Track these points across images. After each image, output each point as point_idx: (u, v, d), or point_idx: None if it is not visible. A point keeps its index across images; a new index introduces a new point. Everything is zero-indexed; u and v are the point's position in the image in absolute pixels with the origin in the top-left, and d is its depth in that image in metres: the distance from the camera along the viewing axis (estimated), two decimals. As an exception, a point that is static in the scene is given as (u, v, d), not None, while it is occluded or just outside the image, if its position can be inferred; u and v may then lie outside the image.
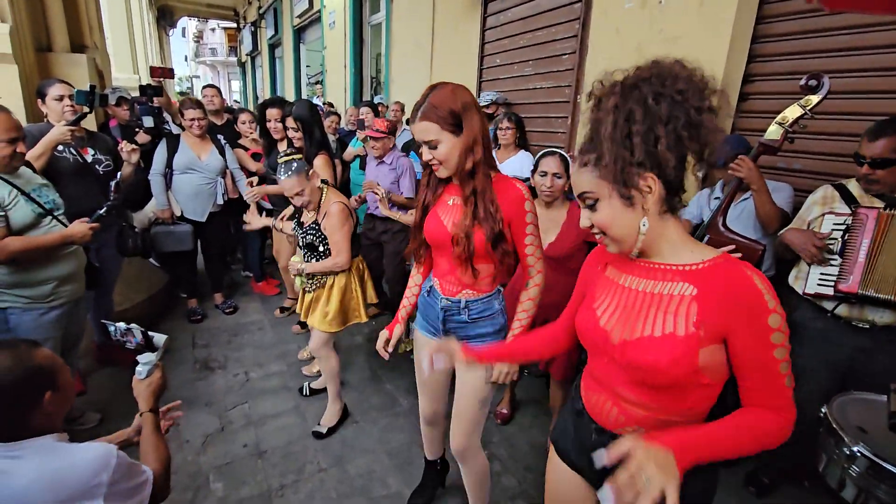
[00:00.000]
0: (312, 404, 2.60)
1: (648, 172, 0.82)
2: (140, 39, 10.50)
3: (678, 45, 2.52)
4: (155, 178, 3.19)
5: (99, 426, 2.30)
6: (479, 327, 1.49)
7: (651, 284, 0.89)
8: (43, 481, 0.96)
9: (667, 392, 0.86)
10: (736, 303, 0.79)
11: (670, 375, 0.83)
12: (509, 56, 3.94)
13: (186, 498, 1.93)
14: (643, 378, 0.87)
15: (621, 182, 0.83)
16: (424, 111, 1.28)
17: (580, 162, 0.89)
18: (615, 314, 0.92)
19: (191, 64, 33.12)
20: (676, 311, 0.84)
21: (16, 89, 2.89)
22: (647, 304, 0.88)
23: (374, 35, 6.88)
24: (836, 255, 1.66)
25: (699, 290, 0.83)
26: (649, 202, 0.84)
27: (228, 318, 3.61)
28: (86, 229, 1.86)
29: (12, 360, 0.99)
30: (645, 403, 0.89)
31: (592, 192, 0.87)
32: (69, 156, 2.41)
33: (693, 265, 0.86)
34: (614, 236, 0.88)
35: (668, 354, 0.82)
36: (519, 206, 1.36)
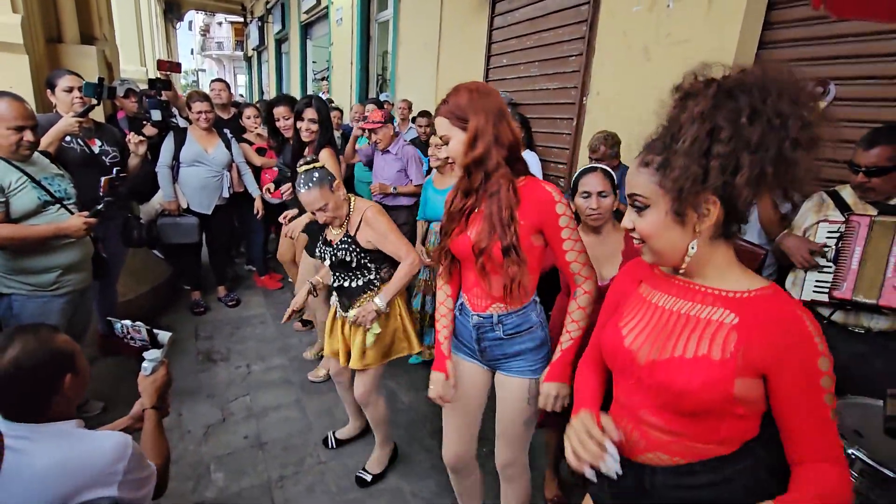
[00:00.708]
0: (313, 398, 2.62)
1: (713, 196, 0.75)
2: (148, 32, 10.54)
3: (685, 48, 2.53)
4: (162, 171, 3.22)
5: (102, 414, 2.32)
6: (517, 343, 1.36)
7: (688, 306, 0.83)
8: (63, 465, 0.98)
9: (696, 420, 0.80)
10: (783, 339, 0.73)
11: (702, 400, 0.76)
12: (516, 56, 3.95)
13: (188, 487, 1.96)
14: (672, 402, 0.80)
15: (681, 199, 0.76)
16: (440, 107, 1.29)
17: (642, 160, 0.82)
18: (643, 333, 0.86)
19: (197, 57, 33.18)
20: (713, 336, 0.78)
21: (26, 79, 2.91)
22: (682, 325, 0.82)
23: (381, 32, 6.90)
24: (831, 262, 1.67)
25: (741, 319, 0.77)
26: (704, 225, 0.78)
27: (231, 310, 3.64)
28: (80, 224, 1.85)
29: (36, 343, 1.03)
30: (669, 430, 0.83)
31: (645, 197, 0.81)
32: (76, 147, 2.43)
33: (738, 293, 0.80)
34: (655, 249, 0.83)
35: (700, 377, 0.76)
36: (548, 210, 1.24)
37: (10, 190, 1.76)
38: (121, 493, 1.03)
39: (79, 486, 0.98)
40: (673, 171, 0.75)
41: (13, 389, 1.00)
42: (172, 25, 16.75)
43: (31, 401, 1.02)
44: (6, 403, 1.02)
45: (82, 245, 1.99)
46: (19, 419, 1.02)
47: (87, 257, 2.04)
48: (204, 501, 1.89)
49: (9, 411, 1.02)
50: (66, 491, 0.97)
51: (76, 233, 1.85)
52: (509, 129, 1.27)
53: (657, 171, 0.78)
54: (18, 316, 1.87)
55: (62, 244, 1.89)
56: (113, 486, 1.02)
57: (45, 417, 1.04)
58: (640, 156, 0.83)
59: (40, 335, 1.05)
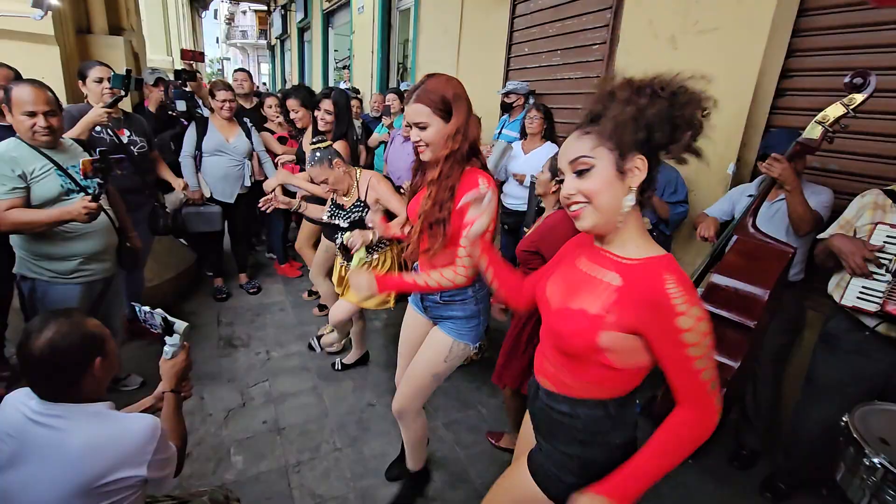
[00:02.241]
0: (330, 385, 2.67)
1: (639, 154, 0.88)
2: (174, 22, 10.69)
3: (714, 37, 2.44)
4: (185, 161, 3.28)
5: (140, 389, 2.46)
6: (451, 310, 1.57)
7: (593, 268, 0.98)
8: (97, 445, 1.03)
9: (571, 360, 0.97)
10: (644, 302, 0.86)
11: (571, 344, 0.93)
12: (538, 45, 3.88)
13: (209, 468, 2.02)
14: (556, 343, 0.99)
15: (622, 151, 0.88)
16: (419, 95, 1.35)
17: (582, 131, 0.93)
18: (558, 287, 1.03)
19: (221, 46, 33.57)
20: (598, 294, 0.92)
21: (57, 70, 2.99)
22: (582, 282, 0.98)
23: (403, 21, 6.85)
24: (889, 272, 1.54)
25: (624, 282, 0.90)
26: (636, 181, 0.89)
27: (252, 297, 3.71)
28: (79, 208, 1.79)
29: (69, 326, 1.07)
30: (556, 364, 1.02)
31: (590, 157, 0.90)
32: (106, 136, 2.50)
33: (630, 259, 0.92)
34: (599, 205, 0.91)
35: (572, 326, 0.93)
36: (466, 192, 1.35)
37: (33, 177, 1.80)
38: (149, 473, 1.07)
39: (111, 466, 1.02)
40: (619, 132, 0.86)
41: (48, 369, 1.05)
42: (198, 14, 16.97)
43: (64, 381, 1.07)
44: (42, 383, 1.07)
45: (103, 235, 2.00)
46: (53, 399, 1.07)
47: (110, 247, 2.06)
48: (224, 483, 1.94)
49: (45, 391, 1.07)
50: (100, 470, 1.01)
51: (78, 217, 1.80)
52: (475, 126, 1.42)
53: (598, 136, 0.90)
54: (42, 300, 1.93)
55: (81, 233, 1.91)
56: (143, 465, 1.06)
57: (78, 398, 1.08)
58: (577, 130, 0.94)
59: (73, 319, 1.09)
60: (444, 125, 1.37)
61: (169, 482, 1.17)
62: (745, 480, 2.12)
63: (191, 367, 1.43)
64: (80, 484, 1.00)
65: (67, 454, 1.01)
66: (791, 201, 1.84)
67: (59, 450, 1.01)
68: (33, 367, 1.04)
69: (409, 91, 1.40)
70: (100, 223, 1.96)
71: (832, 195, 1.94)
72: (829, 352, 1.78)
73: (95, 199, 1.83)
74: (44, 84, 1.85)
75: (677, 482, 2.06)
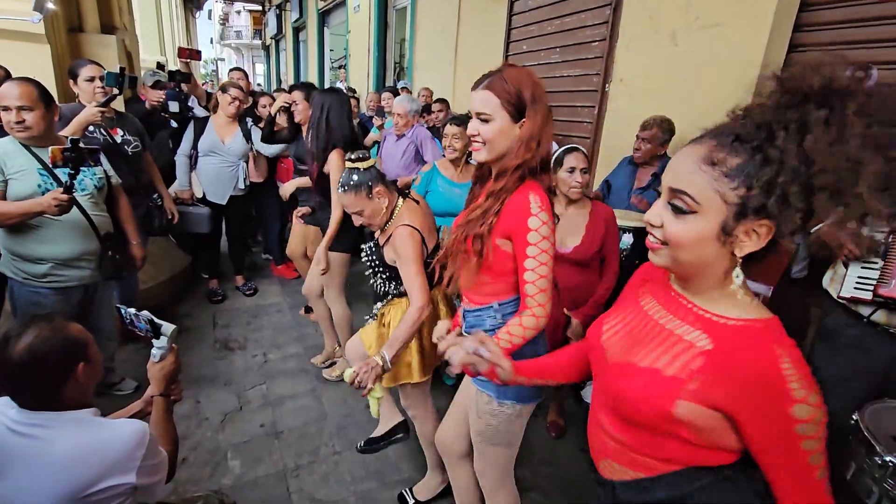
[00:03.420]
0: (329, 388, 2.63)
1: (767, 220, 0.65)
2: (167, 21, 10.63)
3: (715, 32, 2.42)
4: (180, 159, 3.26)
5: (135, 393, 2.39)
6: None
7: (668, 319, 0.77)
8: (82, 453, 0.99)
9: (641, 432, 0.76)
10: (745, 379, 0.65)
11: (638, 410, 0.74)
12: (536, 42, 3.86)
13: (205, 473, 1.98)
14: (614, 405, 0.79)
15: (748, 214, 0.64)
16: (491, 81, 1.14)
17: (707, 156, 0.66)
18: (619, 333, 0.83)
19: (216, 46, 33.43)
20: (678, 354, 0.72)
21: (48, 69, 2.94)
22: (654, 334, 0.77)
23: (399, 19, 6.82)
24: (879, 258, 1.58)
25: (715, 346, 0.70)
26: (745, 251, 0.67)
27: (248, 299, 3.67)
28: (49, 200, 1.71)
29: (50, 330, 1.03)
30: (617, 436, 0.80)
31: (697, 202, 0.66)
32: (100, 136, 2.45)
33: (724, 318, 0.71)
34: (679, 258, 0.71)
35: (642, 388, 0.73)
36: (521, 217, 1.13)
37: (11, 173, 1.75)
38: (139, 480, 1.04)
39: (99, 474, 0.99)
40: (770, 188, 0.62)
41: (28, 376, 1.01)
42: (192, 14, 16.90)
43: (45, 388, 1.03)
44: (21, 390, 1.03)
45: (78, 240, 1.92)
46: (34, 407, 1.03)
47: (88, 255, 1.96)
48: (221, 488, 1.91)
49: (25, 399, 1.03)
50: (87, 479, 0.97)
51: (48, 209, 1.71)
52: (550, 138, 1.20)
53: (726, 178, 0.64)
54: (18, 301, 1.88)
55: (51, 237, 1.84)
56: (132, 472, 1.03)
57: (60, 405, 1.04)
58: (706, 147, 0.67)
59: (54, 324, 1.06)
60: (509, 124, 1.14)
61: (160, 489, 1.14)
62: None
63: (180, 370, 1.39)
64: (67, 494, 0.96)
65: (52, 464, 0.97)
66: None
67: (42, 460, 0.98)
68: (12, 374, 1.00)
69: (481, 77, 1.18)
70: (75, 228, 1.90)
71: None
72: (828, 347, 1.77)
73: (67, 192, 1.72)
74: (30, 80, 1.80)
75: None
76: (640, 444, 0.77)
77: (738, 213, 0.65)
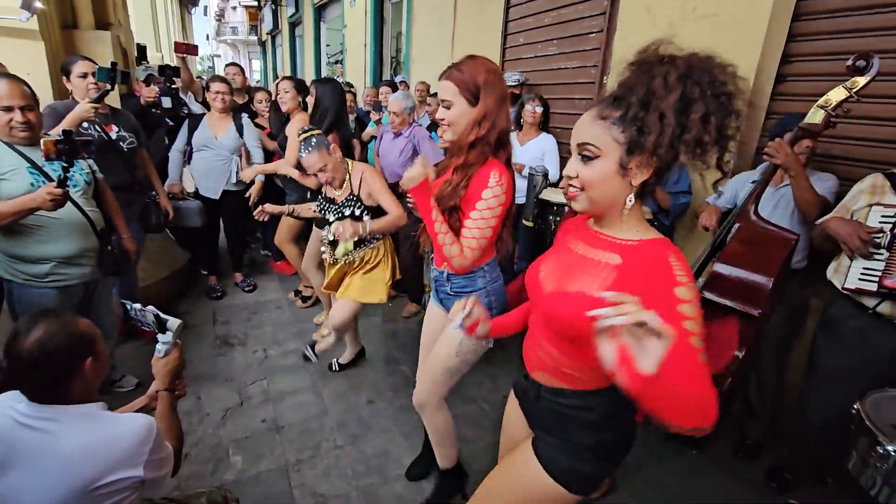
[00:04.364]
0: (329, 383, 2.63)
1: (648, 153, 0.84)
2: (163, 18, 10.55)
3: (713, 22, 2.40)
4: (173, 155, 3.26)
5: (136, 390, 2.40)
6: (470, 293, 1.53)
7: (590, 251, 0.96)
8: (91, 447, 1.00)
9: (573, 345, 0.95)
10: (645, 274, 0.85)
11: (573, 327, 0.90)
12: (533, 34, 3.83)
13: (207, 469, 1.99)
14: (556, 328, 0.97)
15: (641, 151, 0.83)
16: (450, 72, 1.37)
17: (599, 113, 0.87)
18: (552, 269, 1.02)
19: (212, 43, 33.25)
20: (596, 274, 0.91)
21: (42, 66, 2.92)
22: (578, 265, 0.96)
23: (395, 13, 6.77)
24: (884, 249, 1.56)
25: (623, 261, 0.90)
26: (638, 180, 0.87)
27: (248, 295, 3.67)
28: (43, 195, 1.68)
29: (59, 325, 1.04)
30: (553, 353, 1.00)
31: (598, 147, 0.86)
32: (94, 133, 2.44)
33: (629, 240, 0.92)
34: (592, 197, 0.90)
35: (574, 308, 0.89)
36: (480, 188, 1.34)
37: (2, 174, 1.72)
38: (146, 473, 1.05)
39: (107, 468, 0.99)
40: (649, 128, 0.81)
41: (37, 370, 1.01)
42: (188, 10, 16.78)
43: (53, 382, 1.04)
44: (30, 384, 1.03)
45: (79, 238, 1.91)
46: (42, 401, 1.03)
47: (89, 252, 1.96)
48: (223, 483, 1.91)
49: (33, 393, 1.03)
50: (95, 472, 0.98)
51: (42, 205, 1.68)
52: (506, 117, 1.39)
53: (615, 125, 0.85)
54: (18, 303, 1.87)
55: (54, 235, 1.83)
56: (139, 466, 1.03)
57: (68, 400, 1.05)
58: (597, 108, 0.88)
59: (64, 319, 1.06)
60: (468, 108, 1.35)
61: (166, 483, 1.14)
62: (749, 471, 2.10)
63: (184, 366, 1.40)
64: (75, 488, 0.96)
65: (60, 458, 0.97)
66: (796, 187, 1.82)
67: (50, 453, 0.98)
68: (22, 368, 1.01)
69: (445, 69, 1.40)
70: (74, 225, 1.89)
71: (837, 181, 1.92)
72: (831, 339, 1.76)
73: (61, 185, 1.69)
74: (20, 78, 1.78)
75: (681, 473, 2.05)
76: (570, 355, 0.97)
77: (628, 149, 0.84)
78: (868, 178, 1.71)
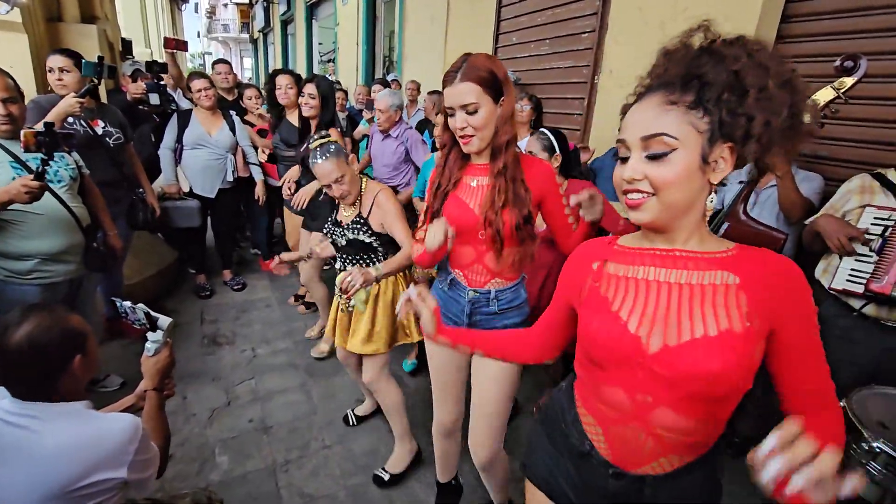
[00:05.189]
0: (318, 383, 2.61)
1: (730, 142, 0.71)
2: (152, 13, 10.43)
3: (703, 23, 2.41)
4: (164, 153, 3.19)
5: (120, 390, 2.35)
6: (507, 318, 1.40)
7: (685, 275, 0.75)
8: (74, 446, 0.97)
9: (718, 404, 0.74)
10: (785, 289, 0.71)
11: (732, 381, 0.70)
12: (526, 34, 3.83)
13: (193, 469, 1.96)
14: (701, 390, 0.71)
15: (727, 137, 0.70)
16: (465, 72, 1.17)
17: (665, 99, 0.71)
18: (646, 314, 0.76)
19: (203, 40, 32.96)
20: (726, 302, 0.71)
21: (26, 59, 2.87)
22: (688, 297, 0.74)
23: (388, 12, 6.75)
24: (874, 252, 1.56)
25: (742, 278, 0.72)
26: (717, 177, 0.72)
27: (237, 294, 3.63)
28: (18, 186, 1.62)
29: (50, 320, 1.02)
30: (687, 427, 0.75)
31: (675, 137, 0.69)
32: (80, 128, 2.39)
33: (722, 252, 0.75)
34: (670, 201, 0.72)
35: (731, 356, 0.69)
36: (550, 180, 1.30)
37: None
38: (130, 474, 1.02)
39: (90, 468, 0.97)
40: (752, 115, 0.69)
41: (25, 365, 0.99)
42: (178, 7, 16.60)
43: (41, 379, 1.01)
44: (17, 380, 1.01)
45: (64, 234, 1.87)
46: (28, 398, 1.01)
47: (73, 248, 1.92)
48: (209, 484, 1.88)
49: (19, 389, 1.01)
50: (78, 471, 0.96)
51: (17, 197, 1.61)
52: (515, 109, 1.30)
53: (693, 109, 0.70)
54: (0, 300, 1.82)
55: (38, 231, 1.79)
56: (123, 467, 1.01)
57: (54, 397, 1.03)
58: (660, 94, 0.72)
59: (55, 314, 1.04)
60: (493, 107, 1.20)
61: (150, 484, 1.12)
62: (738, 468, 2.11)
63: (174, 365, 1.37)
64: (57, 487, 0.94)
65: (42, 456, 0.95)
66: (782, 187, 1.83)
67: (33, 451, 0.96)
68: (9, 363, 0.99)
69: (448, 73, 1.21)
70: (59, 221, 1.85)
71: (823, 181, 1.93)
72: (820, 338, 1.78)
73: (38, 178, 1.64)
74: (3, 70, 1.74)
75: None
76: (713, 418, 0.75)
77: (710, 138, 0.70)
78: (856, 178, 1.72)
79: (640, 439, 0.77)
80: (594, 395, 0.83)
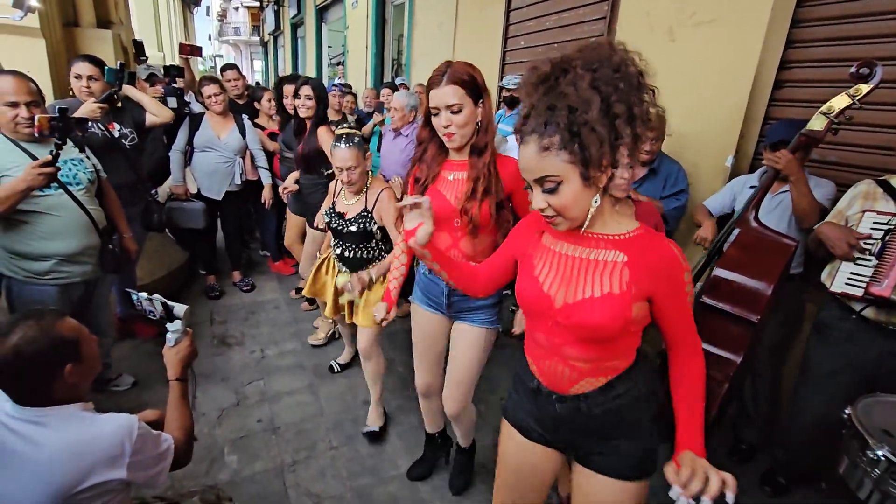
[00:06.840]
0: (326, 384, 2.63)
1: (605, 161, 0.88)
2: (165, 18, 10.57)
3: (711, 28, 2.41)
4: (175, 155, 3.24)
5: (132, 389, 2.39)
6: (481, 299, 1.54)
7: (586, 252, 0.99)
8: (68, 450, 0.98)
9: (606, 344, 0.98)
10: (660, 268, 0.93)
11: (612, 328, 0.94)
12: (534, 38, 3.84)
13: (202, 469, 1.99)
14: (589, 335, 0.97)
15: (597, 164, 0.86)
16: (450, 76, 1.34)
17: (540, 146, 0.86)
18: (556, 280, 1.00)
19: (214, 43, 33.31)
20: (611, 274, 0.95)
21: (43, 63, 2.93)
22: (584, 268, 0.98)
23: (397, 15, 6.79)
24: (873, 256, 1.57)
25: (629, 257, 0.94)
26: (602, 181, 0.90)
27: (246, 295, 3.67)
28: (35, 173, 1.66)
29: (37, 330, 1.01)
30: (588, 357, 1.00)
31: (557, 176, 0.88)
32: (97, 131, 2.44)
33: (621, 235, 0.97)
34: (572, 217, 0.92)
35: (609, 311, 0.93)
36: (519, 177, 1.40)
37: (5, 170, 1.73)
38: (130, 475, 1.03)
39: (87, 469, 0.97)
40: (590, 143, 0.84)
41: (14, 376, 0.99)
42: (190, 11, 16.82)
43: (31, 387, 1.02)
44: (8, 388, 1.02)
45: (81, 235, 1.92)
46: (26, 403, 1.02)
47: (90, 249, 1.96)
48: (217, 483, 1.91)
49: (13, 396, 1.02)
50: (76, 474, 0.96)
51: (34, 182, 1.66)
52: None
53: (560, 151, 0.86)
54: (17, 300, 1.87)
55: (56, 232, 1.83)
56: (122, 467, 1.01)
57: (51, 402, 1.03)
58: (532, 143, 0.88)
59: (43, 322, 1.03)
60: (475, 109, 1.38)
61: (161, 479, 1.12)
62: (743, 474, 2.10)
63: (196, 354, 1.38)
64: (56, 491, 0.95)
65: (41, 460, 0.96)
66: (796, 193, 1.82)
67: (32, 455, 0.96)
68: (0, 372, 0.99)
69: (433, 76, 1.37)
70: (77, 223, 1.89)
71: (834, 187, 1.93)
72: (822, 341, 1.79)
73: (52, 163, 1.68)
74: (26, 75, 1.79)
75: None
76: (607, 352, 0.99)
77: (582, 161, 0.86)
78: (862, 183, 1.72)
79: (560, 369, 1.03)
80: (531, 339, 1.10)
